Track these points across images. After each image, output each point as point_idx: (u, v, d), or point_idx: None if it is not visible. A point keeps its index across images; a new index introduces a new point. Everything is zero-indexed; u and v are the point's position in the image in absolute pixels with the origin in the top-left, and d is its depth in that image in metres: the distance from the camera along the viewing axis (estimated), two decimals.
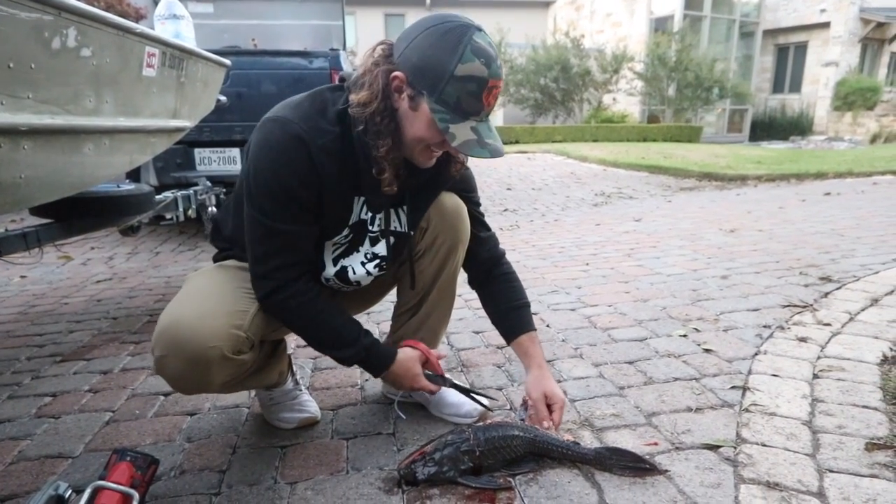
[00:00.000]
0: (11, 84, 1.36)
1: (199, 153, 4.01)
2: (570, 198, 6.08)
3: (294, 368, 1.51)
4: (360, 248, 1.30)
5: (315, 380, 1.72)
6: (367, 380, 1.70)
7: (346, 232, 1.25)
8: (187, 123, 2.43)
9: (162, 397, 1.65)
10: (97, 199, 2.45)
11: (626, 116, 14.90)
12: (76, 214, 2.37)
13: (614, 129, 13.22)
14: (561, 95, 14.74)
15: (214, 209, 3.37)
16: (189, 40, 2.81)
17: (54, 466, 1.31)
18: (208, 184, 3.32)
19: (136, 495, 0.92)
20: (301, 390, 1.48)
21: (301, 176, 1.10)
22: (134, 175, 3.87)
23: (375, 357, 1.25)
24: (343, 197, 1.19)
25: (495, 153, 1.08)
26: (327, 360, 1.86)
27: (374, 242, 1.30)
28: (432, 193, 1.33)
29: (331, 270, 1.27)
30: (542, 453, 1.21)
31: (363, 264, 1.30)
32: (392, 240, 1.31)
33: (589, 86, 14.71)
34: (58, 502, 0.85)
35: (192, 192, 3.14)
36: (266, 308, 1.18)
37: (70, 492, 0.88)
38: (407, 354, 1.29)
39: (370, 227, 1.28)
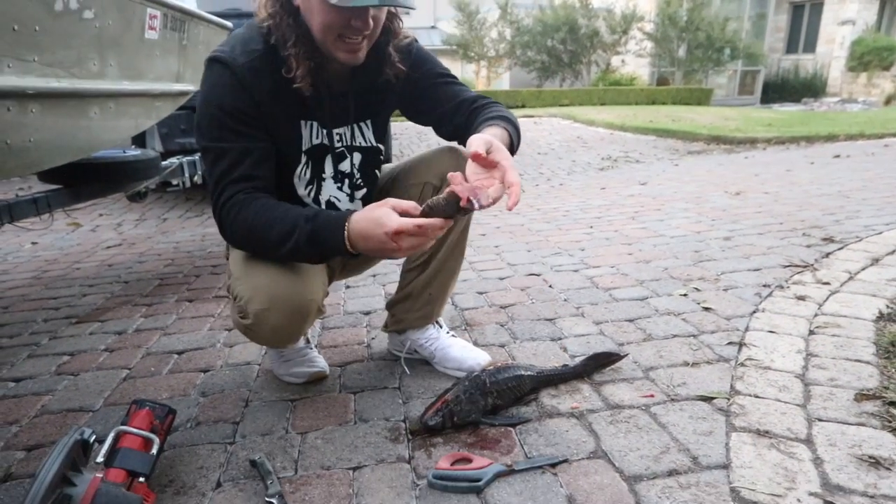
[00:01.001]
0: (17, 47, 1.37)
1: None
2: (577, 162, 6.05)
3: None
4: (325, 174, 1.29)
5: (323, 338, 1.77)
6: (373, 338, 1.75)
7: (303, 160, 1.25)
8: (191, 87, 2.44)
9: (176, 355, 1.71)
10: (104, 164, 2.48)
11: (634, 79, 14.65)
12: (84, 180, 2.40)
13: (622, 91, 13.02)
14: (568, 58, 14.49)
15: (207, 172, 3.38)
16: (190, 2, 2.79)
17: (76, 419, 1.37)
18: None
19: (157, 439, 0.97)
20: (311, 348, 1.53)
21: (230, 94, 1.13)
22: (139, 141, 3.88)
23: (324, 222, 1.08)
24: (287, 118, 1.20)
25: (386, 1, 1.03)
26: (335, 320, 1.91)
27: (338, 162, 1.29)
28: (388, 99, 1.30)
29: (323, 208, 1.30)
30: (545, 385, 1.36)
31: (339, 189, 1.31)
32: (359, 156, 1.31)
33: (597, 47, 14.44)
34: (83, 447, 0.91)
35: (197, 158, 3.16)
36: (219, 225, 1.17)
37: (94, 437, 0.93)
38: (361, 209, 1.09)
39: (334, 149, 1.27)
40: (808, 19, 16.63)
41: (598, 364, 1.44)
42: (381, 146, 1.34)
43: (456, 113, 1.29)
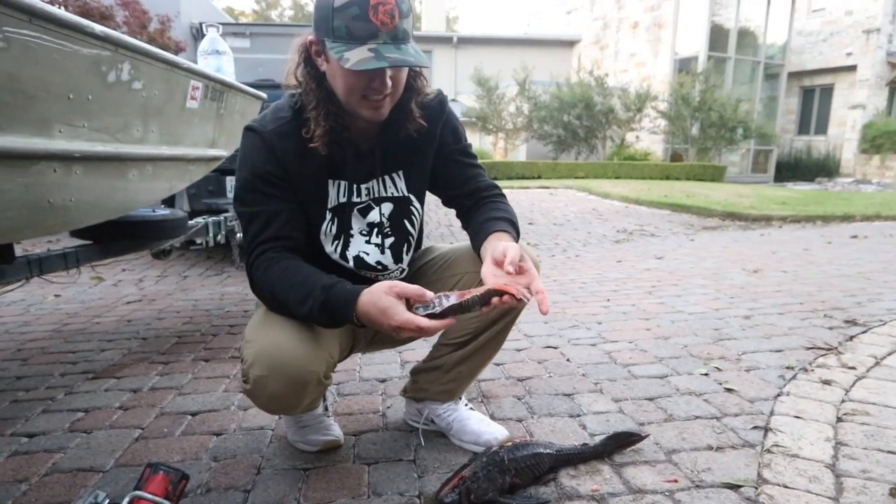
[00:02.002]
0: (70, 113, 1.46)
1: (231, 181, 4.15)
2: (592, 234, 6.09)
3: (326, 394, 1.53)
4: (353, 230, 1.31)
5: (339, 406, 1.75)
6: (388, 406, 1.72)
7: (328, 217, 1.28)
8: (223, 153, 2.54)
9: (189, 417, 1.69)
10: (135, 222, 2.55)
11: (648, 154, 14.93)
12: (114, 237, 2.47)
13: (637, 166, 13.25)
14: (584, 132, 14.87)
15: (242, 235, 3.47)
16: (229, 75, 2.96)
17: (86, 479, 1.35)
18: None
19: None
20: (329, 416, 1.51)
21: (260, 158, 1.21)
22: (168, 201, 4.01)
23: (336, 296, 1.11)
24: (315, 177, 1.25)
25: (397, 63, 1.07)
26: (350, 386, 1.90)
27: (364, 215, 1.32)
28: (422, 150, 1.33)
29: (350, 265, 1.32)
30: (564, 464, 1.33)
31: (367, 242, 1.32)
32: (389, 206, 1.33)
33: (612, 123, 14.81)
34: None
35: (222, 218, 3.25)
36: (250, 283, 1.23)
37: (107, 501, 0.92)
38: (372, 288, 1.10)
39: (359, 204, 1.30)
40: (818, 102, 17.05)
41: (618, 444, 1.40)
42: (412, 196, 1.35)
43: (467, 197, 1.39)
